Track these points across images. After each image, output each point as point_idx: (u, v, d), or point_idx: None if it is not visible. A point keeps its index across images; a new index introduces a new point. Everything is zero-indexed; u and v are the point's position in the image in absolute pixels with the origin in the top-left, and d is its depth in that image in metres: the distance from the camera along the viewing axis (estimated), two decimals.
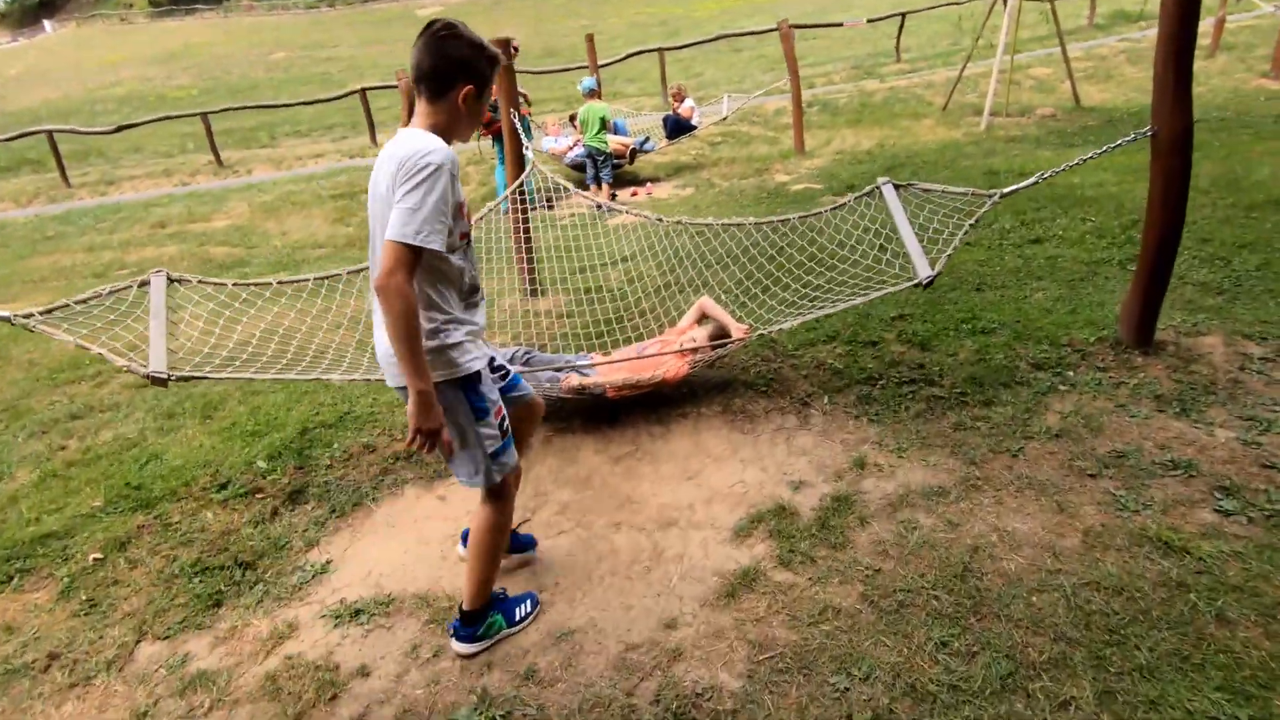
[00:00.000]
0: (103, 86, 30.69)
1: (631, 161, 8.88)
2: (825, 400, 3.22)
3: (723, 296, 3.95)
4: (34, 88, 31.98)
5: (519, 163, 4.33)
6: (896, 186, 3.32)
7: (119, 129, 14.03)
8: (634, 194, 8.50)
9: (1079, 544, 2.24)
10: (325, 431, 3.39)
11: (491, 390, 1.95)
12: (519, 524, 2.45)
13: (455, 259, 1.81)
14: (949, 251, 2.96)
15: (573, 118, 9.26)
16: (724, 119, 9.76)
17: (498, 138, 7.52)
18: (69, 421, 3.85)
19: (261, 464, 3.13)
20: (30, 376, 4.59)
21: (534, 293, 4.74)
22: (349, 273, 3.35)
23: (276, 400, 3.76)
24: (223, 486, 3.02)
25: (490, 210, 4.12)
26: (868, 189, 3.41)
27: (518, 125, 4.29)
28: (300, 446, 3.27)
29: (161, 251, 8.20)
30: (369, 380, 2.81)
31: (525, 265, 4.69)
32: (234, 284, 3.03)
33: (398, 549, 2.62)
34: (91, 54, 39.95)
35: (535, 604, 2.25)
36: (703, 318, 3.46)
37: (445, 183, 1.66)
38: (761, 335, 3.29)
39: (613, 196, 7.97)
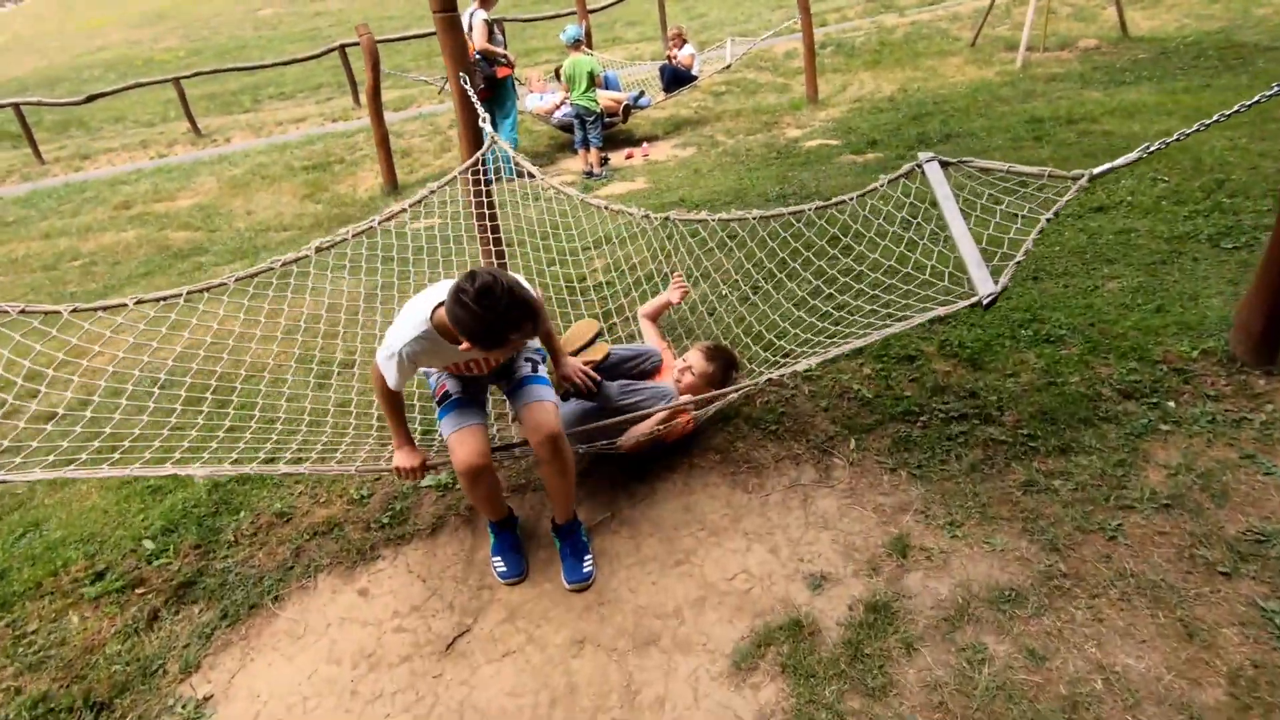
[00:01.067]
0: (89, 52, 29.62)
1: (625, 119, 7.99)
2: (852, 445, 2.54)
3: (718, 305, 3.22)
4: (21, 56, 30.98)
5: (474, 138, 3.58)
6: (943, 164, 2.55)
7: (89, 99, 13.24)
8: (629, 156, 7.65)
9: (1225, 699, 1.58)
10: (239, 489, 2.77)
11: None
12: None
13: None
14: (1018, 257, 2.21)
15: (557, 72, 8.35)
16: (728, 66, 8.78)
17: (493, 99, 6.72)
18: None
19: (149, 544, 2.52)
20: None
21: None
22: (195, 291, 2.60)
23: None
24: (99, 576, 2.43)
25: (453, 178, 3.46)
26: (905, 169, 2.63)
27: (469, 92, 3.53)
28: (205, 512, 2.66)
29: (120, 238, 7.55)
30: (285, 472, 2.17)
31: (492, 256, 3.98)
32: (71, 311, 2.30)
33: (297, 675, 2.02)
34: (77, 18, 38.66)
35: None
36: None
37: (397, 363, 1.99)
38: (764, 371, 2.60)
39: (604, 161, 7.15)
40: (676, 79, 8.22)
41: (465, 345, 1.80)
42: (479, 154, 3.49)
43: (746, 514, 2.36)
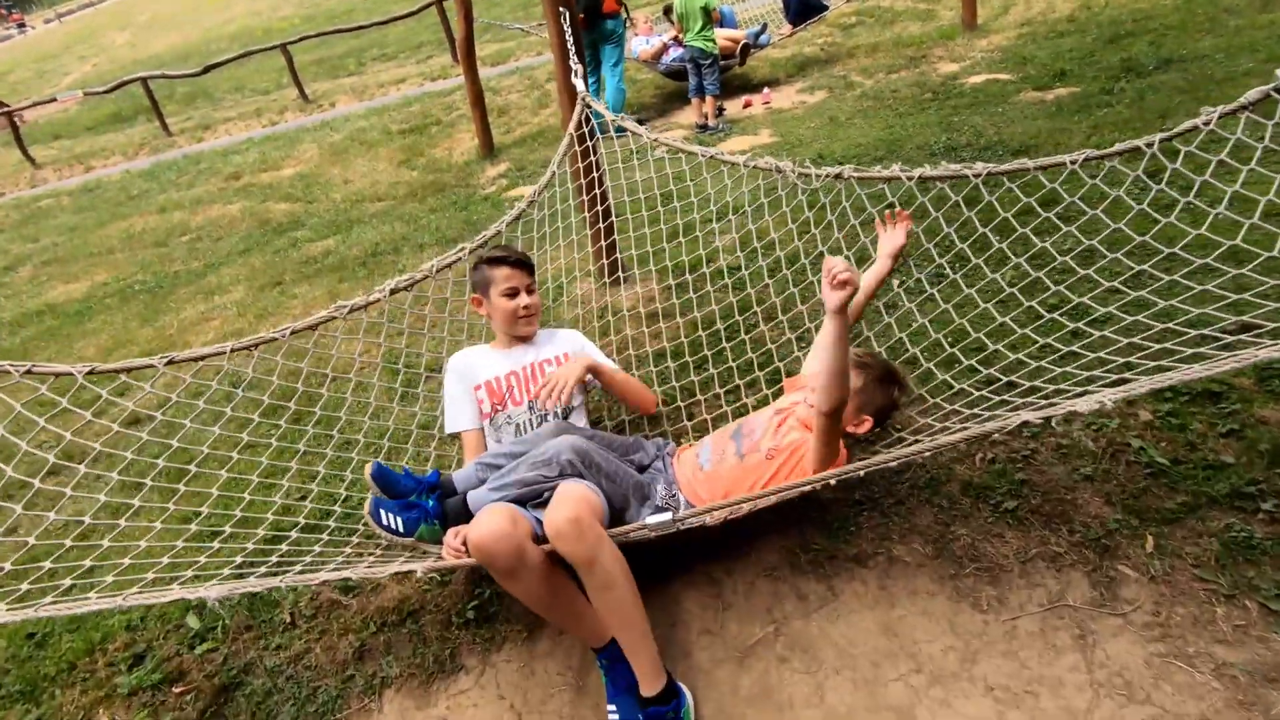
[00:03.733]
0: (218, 25, 31.08)
1: (743, 62, 6.97)
2: (1149, 545, 1.67)
3: (904, 299, 2.34)
4: (161, 34, 32.99)
5: (574, 99, 2.83)
6: None
7: (206, 70, 13.53)
8: (747, 105, 6.67)
9: None
10: (304, 538, 2.26)
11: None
12: None
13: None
14: None
15: (667, 10, 7.40)
16: None
17: (598, 39, 5.94)
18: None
19: (194, 621, 2.06)
20: None
21: (613, 278, 3.36)
22: (239, 349, 1.96)
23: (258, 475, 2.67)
24: (138, 660, 2.00)
25: (551, 175, 2.76)
26: (1237, 104, 1.64)
27: (569, 41, 2.77)
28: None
29: (226, 211, 7.46)
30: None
31: (601, 239, 3.29)
32: (87, 374, 1.79)
33: None
34: None
35: None
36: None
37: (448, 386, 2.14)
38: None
39: (720, 111, 6.23)
40: (807, 8, 7.06)
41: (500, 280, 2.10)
42: (571, 125, 2.73)
43: (984, 651, 1.58)
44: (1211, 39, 5.13)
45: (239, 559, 1.97)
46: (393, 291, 2.18)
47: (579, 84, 2.73)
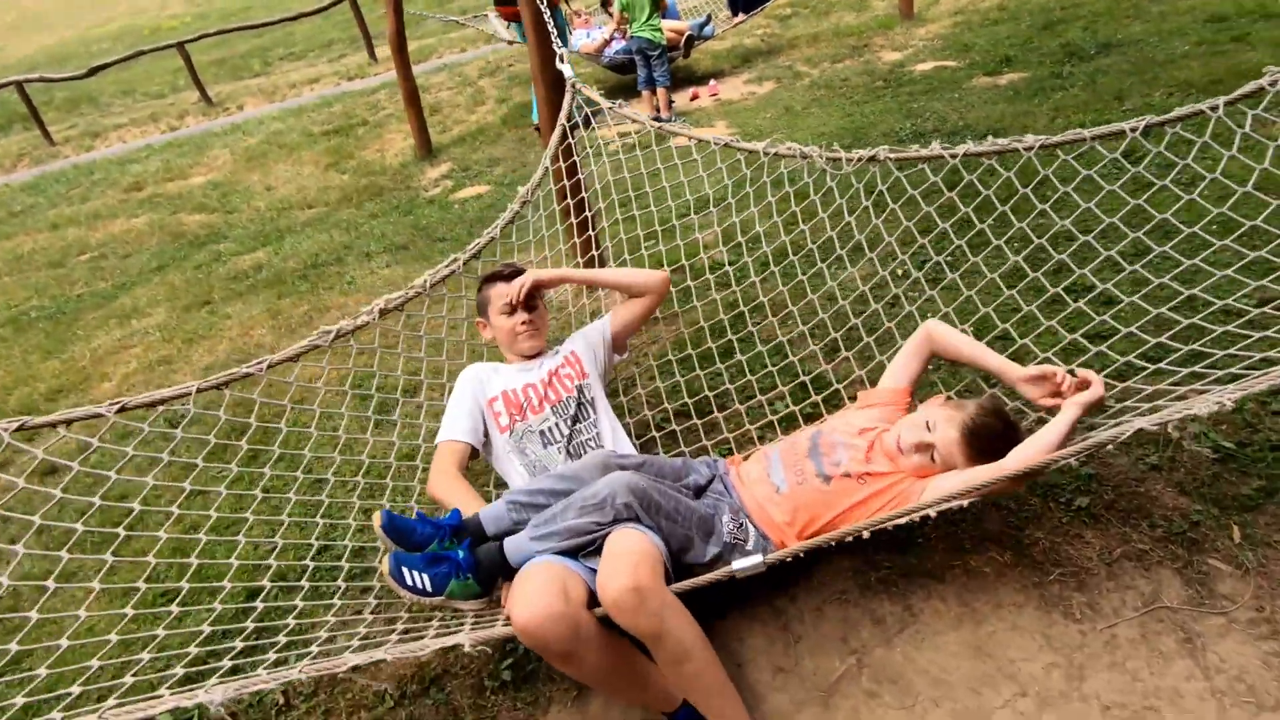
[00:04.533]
0: (97, 25, 28.62)
1: (687, 54, 6.83)
2: (1235, 535, 1.59)
3: (905, 298, 2.22)
4: (30, 35, 30.10)
5: (557, 88, 2.57)
6: None
7: (92, 71, 12.36)
8: (694, 98, 6.54)
9: None
10: (277, 611, 1.94)
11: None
12: None
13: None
14: None
15: (605, 2, 7.20)
16: None
17: (518, 20, 5.64)
18: None
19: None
20: None
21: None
22: (206, 388, 1.67)
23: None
24: None
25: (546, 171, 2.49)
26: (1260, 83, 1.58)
27: (550, 23, 2.52)
28: (246, 643, 1.83)
29: (130, 225, 6.74)
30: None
31: (580, 235, 3.05)
32: (16, 430, 1.44)
33: None
34: None
35: None
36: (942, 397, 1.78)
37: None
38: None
39: (670, 104, 6.06)
40: None
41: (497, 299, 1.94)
42: (562, 115, 2.48)
43: (1089, 665, 1.46)
44: (1140, 25, 5.33)
45: (207, 627, 1.66)
46: (383, 313, 1.89)
47: (566, 69, 2.49)
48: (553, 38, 2.52)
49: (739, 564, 1.34)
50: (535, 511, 1.56)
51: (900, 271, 2.76)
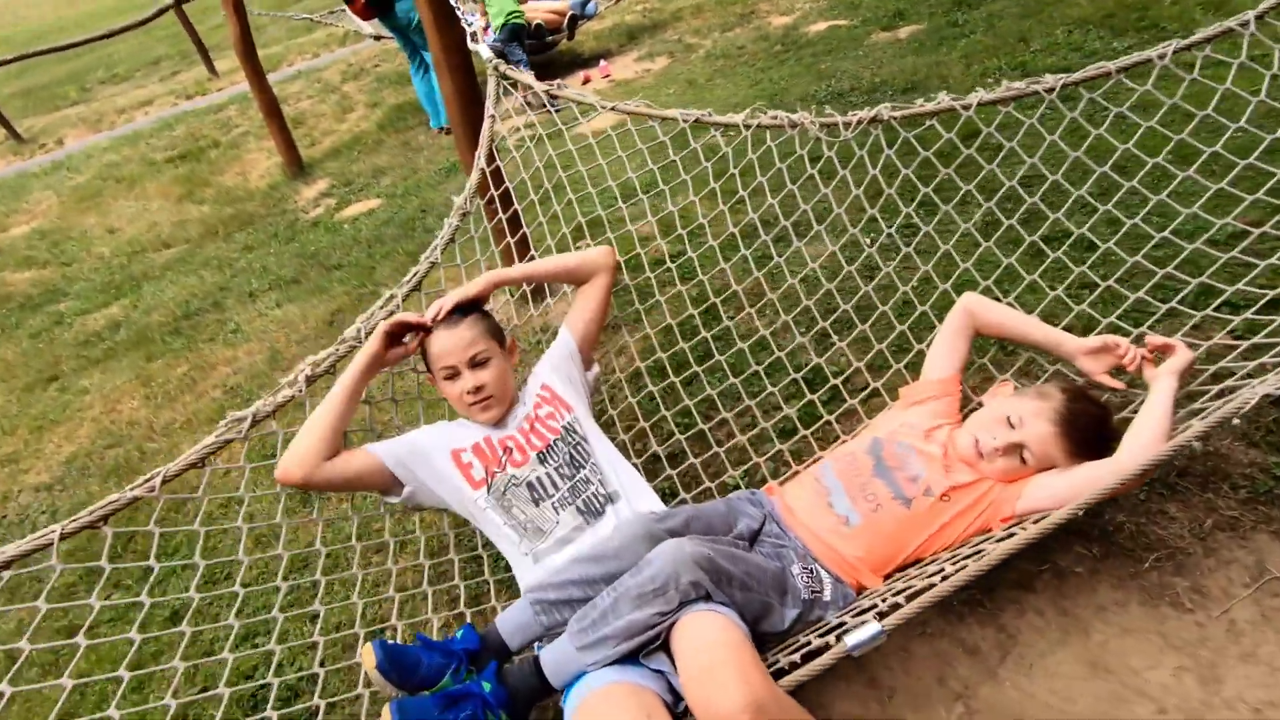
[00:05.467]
0: None
1: (571, 35, 6.45)
2: None
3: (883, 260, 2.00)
4: None
5: (468, 76, 2.16)
6: None
7: None
8: (586, 81, 6.18)
9: None
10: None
11: None
12: None
13: None
14: None
15: None
16: None
17: (385, 17, 5.07)
18: None
19: None
20: None
21: (534, 287, 2.74)
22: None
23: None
24: None
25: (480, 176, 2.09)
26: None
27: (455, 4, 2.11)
28: None
29: None
30: None
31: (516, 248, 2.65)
32: None
33: None
34: None
35: None
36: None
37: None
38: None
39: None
40: None
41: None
42: (489, 103, 2.09)
43: (1220, 663, 1.29)
44: None
45: None
46: (311, 380, 1.45)
47: (483, 50, 2.09)
48: (460, 16, 2.11)
49: (854, 638, 1.06)
50: (570, 610, 1.21)
51: (870, 240, 2.57)
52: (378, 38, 5.69)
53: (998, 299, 1.63)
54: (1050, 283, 1.76)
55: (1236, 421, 1.15)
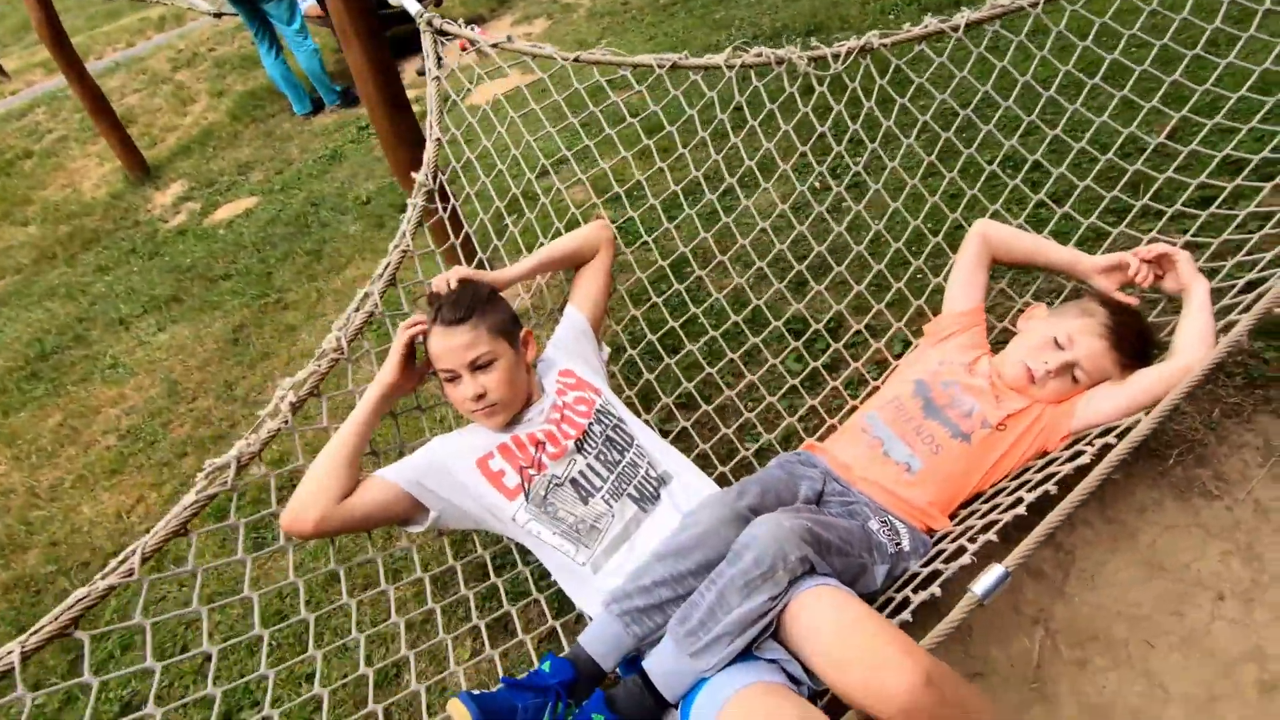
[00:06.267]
0: None
1: (439, 2, 6.00)
2: None
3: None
4: None
5: (377, 39, 1.89)
6: None
7: None
8: (464, 49, 5.77)
9: None
10: None
11: None
12: None
13: None
14: None
15: None
16: None
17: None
18: None
19: None
20: None
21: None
22: None
23: None
24: None
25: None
26: None
27: None
28: None
29: None
30: None
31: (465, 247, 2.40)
32: None
33: None
34: None
35: None
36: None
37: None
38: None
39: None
40: None
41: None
42: (430, 62, 1.83)
43: (1256, 542, 1.36)
44: None
45: None
46: (295, 408, 1.20)
47: (412, 4, 1.82)
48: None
49: (982, 586, 1.01)
50: (662, 614, 1.08)
51: (819, 184, 2.55)
52: (218, 15, 5.00)
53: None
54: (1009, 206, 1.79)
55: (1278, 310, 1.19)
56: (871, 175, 2.28)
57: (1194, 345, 1.25)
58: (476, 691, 0.98)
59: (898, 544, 1.25)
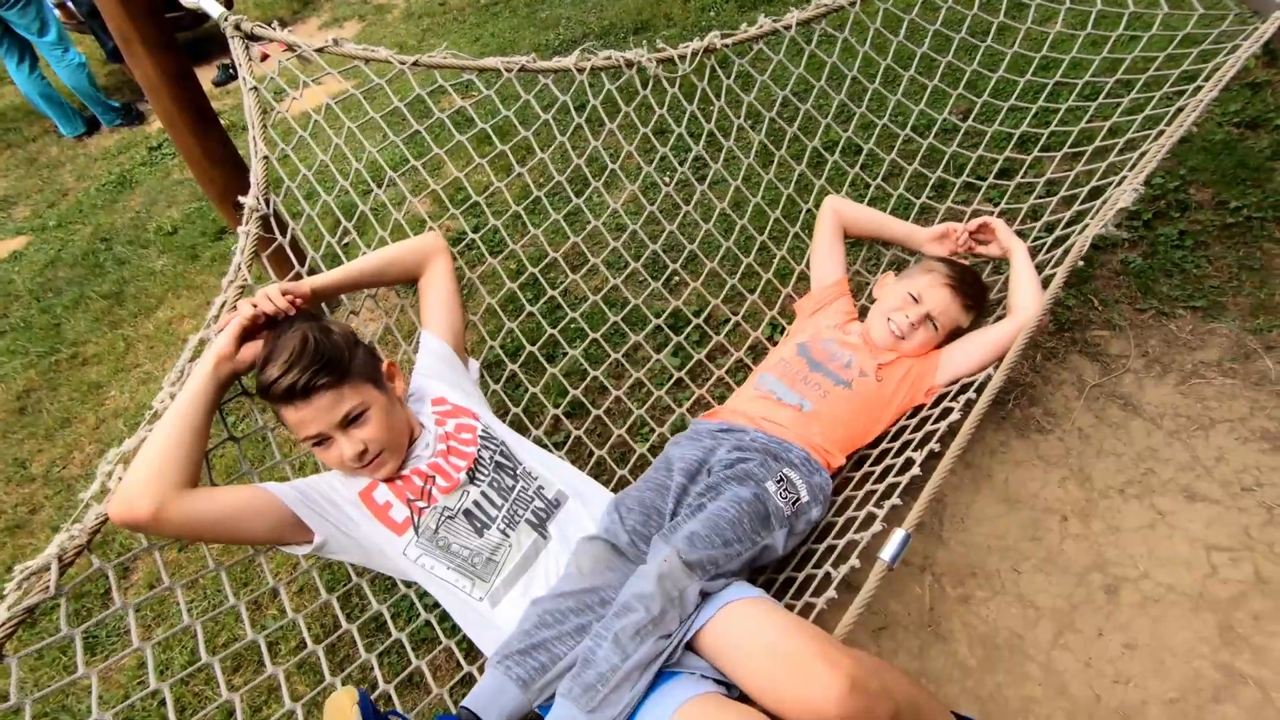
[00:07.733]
0: None
1: (230, 4, 5.41)
2: (1098, 307, 1.84)
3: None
4: None
5: (169, 50, 1.67)
6: None
7: None
8: (264, 57, 5.26)
9: None
10: None
11: None
12: None
13: None
14: None
15: None
16: None
17: None
18: None
19: None
20: None
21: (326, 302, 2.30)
22: None
23: None
24: None
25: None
26: None
27: None
28: None
29: None
30: None
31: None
32: None
33: None
34: None
35: None
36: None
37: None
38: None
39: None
40: None
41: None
42: (243, 71, 1.68)
43: (1085, 465, 1.58)
44: None
45: None
46: (65, 563, 1.02)
47: (212, 5, 1.60)
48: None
49: (888, 551, 1.07)
50: (547, 652, 1.04)
51: (670, 178, 2.60)
52: None
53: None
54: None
55: (1080, 263, 1.38)
56: (729, 169, 2.36)
57: (1029, 299, 1.42)
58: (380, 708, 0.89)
59: (795, 500, 1.28)
